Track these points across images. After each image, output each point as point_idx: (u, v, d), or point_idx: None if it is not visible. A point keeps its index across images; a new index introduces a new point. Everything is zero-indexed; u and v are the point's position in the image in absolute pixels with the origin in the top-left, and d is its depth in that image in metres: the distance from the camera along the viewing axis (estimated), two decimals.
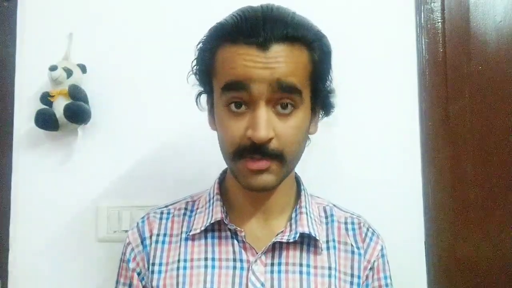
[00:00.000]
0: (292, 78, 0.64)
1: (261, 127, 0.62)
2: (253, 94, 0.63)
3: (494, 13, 1.14)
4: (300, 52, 0.66)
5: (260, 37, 0.62)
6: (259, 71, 0.62)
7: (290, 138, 0.66)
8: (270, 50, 0.63)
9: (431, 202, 1.10)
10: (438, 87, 1.12)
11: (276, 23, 0.64)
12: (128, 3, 1.13)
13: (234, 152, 0.66)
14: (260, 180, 0.66)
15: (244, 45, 0.63)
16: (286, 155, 0.66)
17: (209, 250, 0.73)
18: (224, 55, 0.66)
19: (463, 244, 1.10)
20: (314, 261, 0.74)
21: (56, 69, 1.03)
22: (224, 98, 0.66)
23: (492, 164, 1.12)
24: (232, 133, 0.65)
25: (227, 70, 0.65)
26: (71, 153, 1.10)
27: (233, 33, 0.65)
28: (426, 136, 1.11)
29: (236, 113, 0.65)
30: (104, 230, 1.08)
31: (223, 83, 0.65)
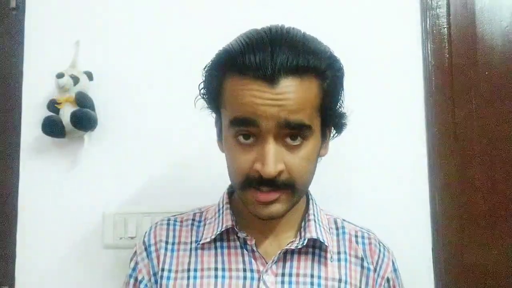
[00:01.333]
0: (300, 115, 0.62)
1: (269, 162, 0.62)
2: (262, 129, 0.62)
3: (500, 18, 1.14)
4: (309, 84, 0.64)
5: (268, 70, 0.60)
6: (268, 108, 0.61)
7: (301, 169, 0.65)
8: (279, 85, 0.61)
9: (438, 209, 1.09)
10: (444, 93, 1.12)
11: (285, 54, 0.61)
12: (134, 11, 1.14)
13: (242, 182, 0.66)
14: (269, 210, 0.66)
15: (252, 79, 0.62)
16: (296, 185, 0.66)
17: (219, 260, 0.73)
18: (232, 87, 0.64)
19: (471, 251, 1.09)
20: (325, 272, 0.73)
21: (63, 76, 1.03)
22: (233, 130, 0.65)
23: (500, 170, 1.11)
24: (240, 164, 0.65)
25: (236, 105, 0.63)
26: (77, 159, 1.11)
27: (240, 64, 0.62)
28: (432, 142, 1.11)
29: (244, 145, 0.65)
30: (111, 237, 1.08)
31: (232, 117, 0.64)
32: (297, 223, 0.77)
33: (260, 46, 0.62)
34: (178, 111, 1.10)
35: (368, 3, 1.13)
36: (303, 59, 0.62)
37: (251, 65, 0.61)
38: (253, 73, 0.61)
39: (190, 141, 1.09)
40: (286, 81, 0.61)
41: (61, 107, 1.06)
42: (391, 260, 0.79)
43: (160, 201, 1.09)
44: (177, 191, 1.09)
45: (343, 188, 1.09)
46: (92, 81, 1.10)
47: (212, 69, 0.69)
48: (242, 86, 0.62)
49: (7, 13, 1.15)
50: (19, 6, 1.14)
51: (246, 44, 0.63)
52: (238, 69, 0.63)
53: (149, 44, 1.13)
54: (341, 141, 1.07)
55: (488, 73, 1.12)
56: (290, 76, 0.61)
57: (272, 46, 0.61)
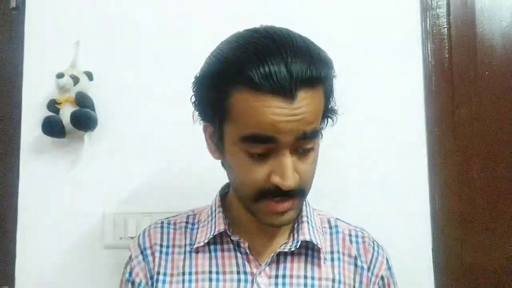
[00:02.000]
0: (315, 124, 0.63)
1: (289, 176, 0.62)
2: (279, 144, 0.62)
3: (500, 18, 1.14)
4: (319, 93, 0.64)
5: (286, 85, 0.58)
6: (287, 124, 0.60)
7: (310, 174, 0.67)
8: (296, 99, 0.60)
9: (438, 208, 1.09)
10: (445, 93, 1.12)
11: (299, 65, 0.59)
12: (134, 11, 1.14)
13: (256, 194, 0.65)
14: (283, 219, 0.67)
15: (269, 95, 0.59)
16: (306, 190, 0.68)
17: (213, 263, 0.73)
18: (244, 103, 0.61)
19: (471, 250, 1.09)
20: (319, 273, 0.73)
21: (63, 76, 1.03)
22: (245, 146, 0.63)
23: (500, 170, 1.11)
24: (255, 177, 0.64)
25: (250, 122, 0.61)
26: (77, 160, 1.11)
27: (253, 78, 0.59)
28: (433, 142, 1.11)
29: (257, 156, 0.63)
30: (110, 237, 1.08)
31: (245, 134, 0.62)
32: (290, 225, 0.76)
33: (271, 56, 0.59)
34: (178, 111, 1.10)
35: (368, 3, 1.13)
36: (315, 70, 0.61)
37: (267, 78, 0.58)
38: (270, 88, 0.59)
39: (191, 141, 1.09)
40: (302, 94, 0.60)
41: (61, 107, 1.06)
42: (385, 258, 0.79)
43: (160, 201, 1.09)
44: (177, 191, 1.09)
45: (343, 188, 1.09)
46: (92, 81, 1.10)
47: (213, 80, 0.64)
48: (258, 103, 0.60)
49: (7, 13, 1.15)
50: (19, 6, 1.14)
51: (255, 54, 0.60)
52: (250, 83, 0.59)
53: (149, 44, 1.13)
54: (341, 141, 1.08)
55: (488, 72, 1.13)
56: (304, 88, 0.60)
57: (283, 57, 0.59)
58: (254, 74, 0.59)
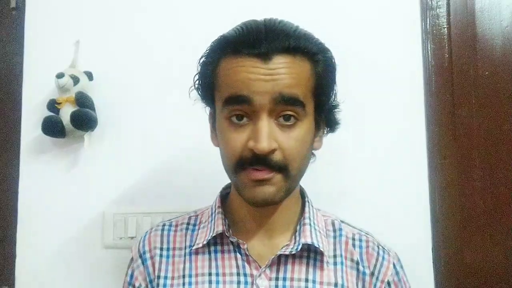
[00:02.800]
0: (294, 89, 0.64)
1: (262, 138, 0.62)
2: (255, 106, 0.63)
3: (500, 18, 1.14)
4: (302, 64, 0.66)
5: (262, 48, 0.63)
6: (262, 83, 0.63)
7: (294, 150, 0.65)
8: (272, 61, 0.63)
9: (438, 209, 1.09)
10: (445, 93, 1.12)
11: (279, 35, 0.64)
12: (134, 11, 1.14)
13: (235, 164, 0.66)
14: (262, 191, 0.65)
15: (246, 56, 0.64)
16: (290, 168, 0.65)
17: (212, 265, 0.72)
18: (226, 67, 0.66)
19: (471, 251, 1.09)
20: (320, 277, 0.72)
21: (63, 76, 1.03)
22: (226, 111, 0.66)
23: (500, 170, 1.11)
24: (234, 144, 0.65)
25: (229, 83, 0.65)
26: (77, 160, 1.11)
27: (235, 45, 0.65)
28: (432, 142, 1.11)
29: (237, 125, 0.65)
30: (110, 237, 1.08)
31: (225, 97, 0.65)
32: (292, 226, 0.75)
33: (254, 29, 0.65)
34: (179, 111, 1.10)
35: (368, 4, 1.13)
36: (294, 40, 0.65)
37: (245, 43, 0.64)
38: (246, 51, 0.64)
39: (191, 141, 1.09)
40: (279, 58, 0.64)
41: (61, 107, 1.06)
42: (391, 263, 0.76)
43: (160, 201, 1.09)
44: (177, 191, 1.09)
45: (343, 188, 1.09)
46: (92, 81, 1.10)
47: (207, 56, 0.71)
48: (236, 64, 0.65)
49: (7, 13, 1.15)
50: (19, 6, 1.14)
51: (241, 28, 0.67)
52: (232, 50, 0.65)
53: (149, 44, 1.13)
54: (341, 141, 1.08)
55: (488, 72, 1.12)
56: (283, 54, 0.64)
57: (266, 29, 0.65)
58: (235, 41, 0.66)
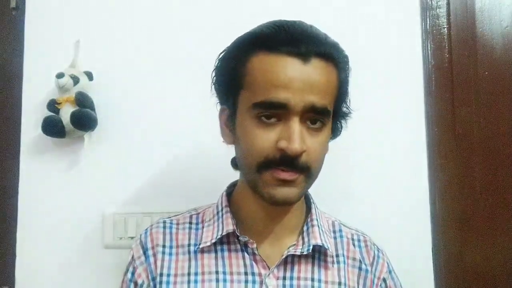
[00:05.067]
0: (325, 100, 0.65)
1: (296, 139, 0.63)
2: (289, 110, 0.63)
3: (500, 18, 1.14)
4: (332, 71, 0.67)
5: (302, 48, 0.63)
6: (300, 84, 0.63)
7: (318, 153, 0.67)
8: (311, 63, 0.64)
9: (438, 209, 1.09)
10: (444, 93, 1.12)
11: (315, 39, 0.65)
12: (135, 11, 1.14)
13: (261, 163, 0.65)
14: (284, 192, 0.66)
15: (285, 55, 0.63)
16: (312, 170, 0.67)
17: (219, 264, 0.72)
18: (261, 64, 0.65)
19: (471, 252, 1.09)
20: (325, 276, 0.73)
21: (63, 76, 1.03)
22: (256, 111, 0.65)
23: (500, 170, 1.11)
24: (262, 143, 0.65)
25: (265, 83, 0.64)
26: (77, 160, 1.10)
27: (272, 42, 0.64)
28: (432, 142, 1.11)
29: (266, 124, 0.65)
30: (110, 237, 1.08)
31: (260, 100, 0.64)
32: (298, 226, 0.77)
33: (291, 28, 0.65)
34: (179, 111, 1.10)
35: (368, 3, 1.13)
36: (328, 47, 0.66)
37: (284, 42, 0.63)
38: (286, 49, 0.63)
39: (191, 141, 1.09)
40: (316, 62, 0.64)
41: (61, 107, 1.06)
42: (385, 261, 0.81)
43: (160, 201, 1.08)
44: (177, 191, 1.09)
45: (343, 188, 1.09)
46: (92, 81, 1.10)
47: (233, 51, 0.69)
48: (274, 61, 0.63)
49: (7, 13, 1.15)
50: (19, 6, 1.14)
51: (276, 27, 0.65)
52: (269, 46, 0.64)
53: (149, 44, 1.13)
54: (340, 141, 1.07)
55: (488, 72, 1.12)
56: (319, 57, 0.64)
57: (302, 30, 0.65)
58: (271, 38, 0.64)
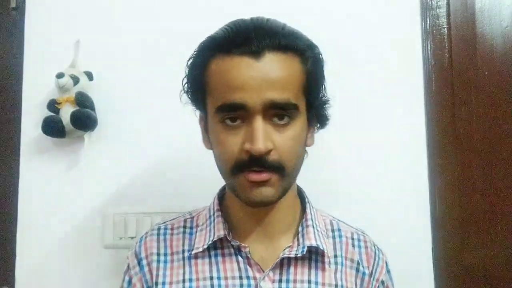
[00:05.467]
0: (286, 93, 0.63)
1: (258, 139, 0.62)
2: (249, 110, 0.63)
3: (500, 18, 1.14)
4: (293, 62, 0.65)
5: (252, 45, 0.63)
6: (255, 83, 0.62)
7: (289, 149, 0.65)
8: (264, 58, 0.63)
9: (438, 209, 1.09)
10: (445, 93, 1.12)
11: (268, 33, 0.64)
12: (135, 11, 1.14)
13: (232, 167, 0.65)
14: (260, 193, 0.65)
15: (237, 56, 0.63)
16: (285, 167, 0.65)
17: (214, 269, 0.71)
18: (217, 68, 0.65)
19: (471, 251, 1.09)
20: (322, 278, 0.72)
21: (63, 76, 1.03)
22: (219, 116, 0.65)
23: (500, 170, 1.11)
24: (230, 147, 0.65)
25: (222, 86, 0.64)
26: (77, 159, 1.11)
27: (224, 44, 0.64)
28: (432, 142, 1.11)
29: (231, 127, 0.65)
30: (110, 237, 1.08)
31: (219, 104, 0.64)
32: (292, 227, 0.75)
33: (243, 28, 0.65)
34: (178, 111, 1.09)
35: (368, 3, 1.13)
36: (284, 38, 0.64)
37: (235, 42, 0.63)
38: (237, 50, 0.63)
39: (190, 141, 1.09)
40: (270, 56, 0.63)
41: (61, 107, 1.06)
42: (384, 262, 0.80)
43: (160, 201, 1.08)
44: (177, 191, 1.09)
45: (343, 188, 1.09)
46: (92, 81, 1.10)
47: (195, 57, 0.70)
48: (227, 64, 0.64)
49: (7, 13, 1.15)
50: (19, 6, 1.14)
51: (230, 28, 0.66)
52: (222, 49, 0.65)
53: (149, 44, 1.13)
54: (340, 141, 1.08)
55: (488, 73, 1.12)
56: (274, 51, 0.64)
57: (255, 27, 0.65)
58: (225, 40, 0.65)
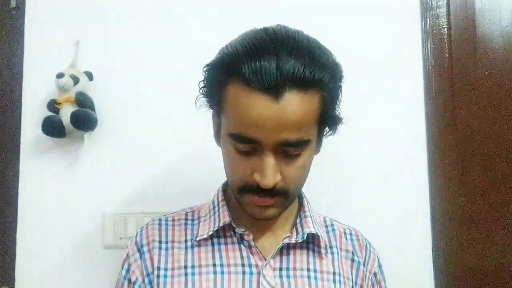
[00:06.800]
0: (300, 133, 0.62)
1: (268, 174, 0.63)
2: (262, 145, 0.62)
3: (500, 18, 1.14)
4: (312, 98, 0.62)
5: (273, 81, 0.59)
6: (270, 125, 0.60)
7: (296, 177, 0.67)
8: (283, 98, 0.59)
9: (438, 210, 1.09)
10: (445, 93, 1.12)
11: (291, 64, 0.59)
12: (134, 11, 1.14)
13: (241, 187, 0.68)
14: (264, 213, 0.69)
15: (256, 91, 0.60)
16: (290, 192, 0.67)
17: (216, 256, 0.73)
18: (236, 95, 0.62)
19: (471, 252, 1.09)
20: (320, 266, 0.75)
21: (63, 76, 1.03)
22: (232, 140, 0.65)
23: (500, 170, 1.11)
24: (240, 171, 0.66)
25: (238, 118, 0.62)
26: (77, 160, 1.11)
27: (245, 72, 0.60)
28: (432, 142, 1.11)
29: (243, 153, 0.65)
30: (110, 237, 1.08)
31: (233, 132, 0.63)
32: (291, 219, 0.79)
33: (265, 52, 0.60)
34: (178, 111, 1.10)
35: (368, 3, 1.14)
36: (309, 72, 0.60)
37: (256, 73, 0.59)
38: (257, 84, 0.59)
39: (190, 141, 1.09)
40: (290, 95, 0.60)
41: (61, 107, 1.06)
42: (376, 256, 0.83)
43: (160, 201, 1.08)
44: (177, 191, 1.09)
45: (343, 188, 1.09)
46: (92, 81, 1.10)
47: (215, 70, 0.67)
48: (246, 97, 0.61)
49: (7, 13, 1.15)
50: (19, 6, 1.14)
51: (251, 49, 0.61)
52: (242, 77, 0.61)
53: (149, 44, 1.13)
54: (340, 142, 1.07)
55: (488, 73, 1.12)
56: (294, 90, 0.60)
57: (278, 54, 0.60)
58: (245, 68, 0.60)
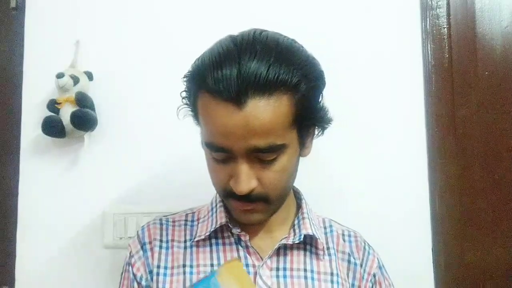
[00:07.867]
0: (270, 138, 0.61)
1: (241, 181, 0.63)
2: (234, 154, 0.63)
3: (500, 18, 1.14)
4: (280, 102, 0.60)
5: (233, 91, 0.58)
6: (238, 132, 0.60)
7: (274, 181, 0.65)
8: (246, 106, 0.58)
9: (438, 208, 1.09)
10: (445, 93, 1.12)
11: (253, 69, 0.58)
12: (135, 11, 1.14)
13: (221, 193, 0.70)
14: (248, 218, 0.70)
15: (220, 100, 0.59)
16: (270, 197, 0.67)
17: (214, 257, 0.74)
18: (204, 107, 0.63)
19: (471, 251, 1.09)
20: (317, 267, 0.75)
21: (63, 76, 1.03)
22: (208, 149, 0.66)
23: (500, 170, 1.11)
24: (219, 178, 0.68)
25: (208, 128, 0.64)
26: (77, 160, 1.11)
27: (209, 83, 0.60)
28: (433, 142, 1.11)
29: (219, 160, 0.66)
30: (110, 237, 1.08)
31: (206, 141, 0.65)
32: (289, 220, 0.79)
33: (227, 61, 0.59)
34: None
35: (368, 3, 1.14)
36: (273, 73, 0.58)
37: (219, 83, 0.59)
38: (221, 93, 0.59)
39: (190, 141, 1.08)
40: (254, 101, 0.58)
41: (61, 107, 1.06)
42: (376, 257, 0.82)
43: (160, 201, 1.09)
44: (177, 191, 1.09)
45: (343, 188, 1.09)
46: (92, 81, 1.10)
47: (188, 82, 0.68)
48: (213, 108, 0.61)
49: (7, 13, 1.15)
50: (19, 6, 1.14)
51: (215, 58, 0.61)
52: (207, 88, 0.61)
53: (149, 44, 1.13)
54: (341, 142, 1.08)
55: (488, 72, 1.13)
56: (258, 95, 0.58)
57: (240, 61, 0.58)
58: (209, 79, 0.60)
